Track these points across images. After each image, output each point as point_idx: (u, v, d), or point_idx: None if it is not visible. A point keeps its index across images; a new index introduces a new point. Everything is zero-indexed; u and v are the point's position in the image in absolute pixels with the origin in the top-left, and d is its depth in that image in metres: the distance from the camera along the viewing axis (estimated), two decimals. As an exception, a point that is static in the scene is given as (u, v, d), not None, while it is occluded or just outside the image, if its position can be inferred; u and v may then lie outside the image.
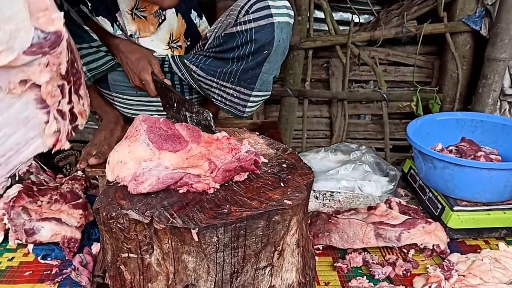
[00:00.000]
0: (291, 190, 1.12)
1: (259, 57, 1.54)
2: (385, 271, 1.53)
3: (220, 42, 1.59)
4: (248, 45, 1.52)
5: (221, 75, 1.61)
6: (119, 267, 1.15)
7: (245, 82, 1.60)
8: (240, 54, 1.55)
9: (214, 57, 1.61)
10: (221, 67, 1.60)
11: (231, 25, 1.55)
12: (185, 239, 1.03)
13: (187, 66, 1.65)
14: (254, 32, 1.50)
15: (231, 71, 1.59)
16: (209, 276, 1.08)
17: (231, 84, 1.62)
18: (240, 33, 1.52)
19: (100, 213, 1.11)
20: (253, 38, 1.50)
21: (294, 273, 1.19)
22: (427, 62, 3.11)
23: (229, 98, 1.66)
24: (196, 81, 1.65)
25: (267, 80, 1.61)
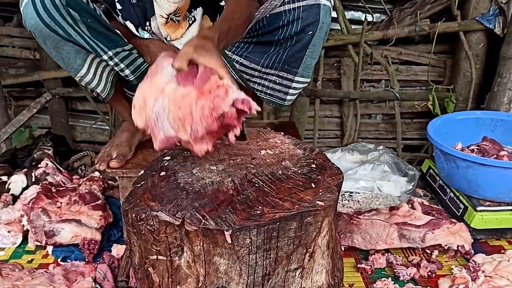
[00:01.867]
0: (323, 191, 1.11)
1: (304, 38, 1.53)
2: (409, 272, 1.51)
3: (264, 24, 1.57)
4: (294, 24, 1.51)
5: (266, 61, 1.60)
6: (147, 269, 1.13)
7: (289, 65, 1.60)
8: (286, 34, 1.54)
9: (257, 42, 1.60)
10: (266, 51, 1.59)
11: (278, 5, 1.54)
12: (218, 241, 1.01)
13: (228, 57, 1.62)
14: (302, 10, 1.49)
15: (276, 55, 1.58)
16: (241, 278, 1.06)
17: (275, 70, 1.62)
18: (287, 11, 1.51)
19: (128, 214, 1.09)
20: (300, 17, 1.49)
21: (324, 275, 1.18)
22: (439, 61, 3.09)
23: (271, 85, 1.65)
24: (237, 72, 1.63)
25: (310, 65, 1.61)
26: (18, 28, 3.10)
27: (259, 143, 1.33)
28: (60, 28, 1.44)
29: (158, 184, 1.15)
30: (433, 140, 1.77)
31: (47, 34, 1.46)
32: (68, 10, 1.43)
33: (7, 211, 1.75)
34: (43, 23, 1.43)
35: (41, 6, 1.41)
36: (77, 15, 1.45)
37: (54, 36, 1.46)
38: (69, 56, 1.55)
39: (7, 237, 1.63)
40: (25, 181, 1.90)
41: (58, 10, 1.41)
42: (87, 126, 3.39)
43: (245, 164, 1.20)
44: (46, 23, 1.43)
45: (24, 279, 1.33)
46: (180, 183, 1.12)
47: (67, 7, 1.42)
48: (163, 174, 1.18)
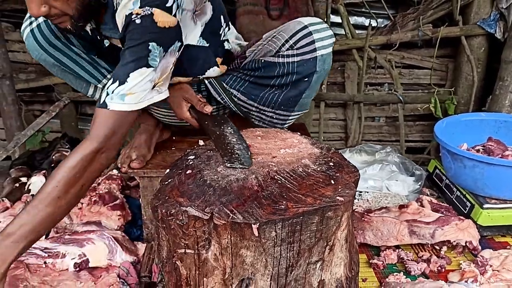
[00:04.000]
0: (342, 187, 1.17)
1: (300, 86, 1.56)
2: (420, 267, 1.56)
3: (259, 67, 1.58)
4: (289, 76, 1.53)
5: (262, 100, 1.62)
6: (175, 262, 1.19)
7: (285, 106, 1.62)
8: (281, 82, 1.56)
9: (253, 82, 1.61)
10: (261, 92, 1.61)
11: (272, 54, 1.55)
12: (245, 234, 1.07)
13: (226, 90, 1.64)
14: (297, 65, 1.51)
15: (272, 96, 1.60)
16: (266, 270, 1.12)
17: (271, 108, 1.64)
18: (281, 64, 1.53)
19: (158, 210, 1.15)
20: (295, 71, 1.52)
21: (342, 267, 1.24)
22: (441, 65, 3.16)
23: (268, 119, 1.68)
24: (236, 104, 1.66)
25: (307, 103, 1.65)
26: (29, 34, 3.16)
27: (277, 142, 1.39)
28: (63, 54, 1.52)
29: (185, 182, 1.20)
30: (441, 140, 1.83)
31: (51, 63, 1.55)
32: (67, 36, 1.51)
33: (28, 211, 1.79)
34: (46, 52, 1.51)
35: (41, 36, 1.49)
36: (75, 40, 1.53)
37: (57, 64, 1.55)
38: (75, 81, 1.67)
39: (30, 236, 1.68)
40: (44, 182, 1.95)
41: (57, 36, 1.50)
42: (96, 130, 3.43)
43: (266, 162, 1.26)
44: (48, 52, 1.51)
45: (51, 275, 1.38)
46: (207, 180, 1.18)
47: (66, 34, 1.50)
48: (189, 172, 1.24)
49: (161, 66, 1.32)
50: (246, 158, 1.26)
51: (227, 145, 1.32)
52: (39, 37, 1.49)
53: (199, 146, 1.43)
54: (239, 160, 1.24)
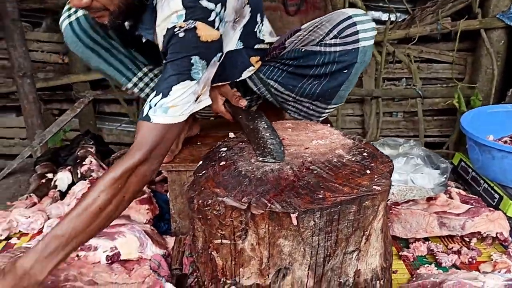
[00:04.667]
0: (378, 177, 1.16)
1: (340, 76, 1.55)
2: (451, 259, 1.55)
3: (298, 56, 1.57)
4: (329, 65, 1.53)
5: (300, 90, 1.61)
6: (211, 253, 1.19)
7: (323, 97, 1.62)
8: (320, 72, 1.55)
9: (291, 72, 1.61)
10: (299, 82, 1.60)
11: (314, 43, 1.54)
12: (283, 224, 1.07)
13: (263, 80, 1.64)
14: (339, 55, 1.50)
15: (310, 87, 1.59)
16: (304, 259, 1.12)
17: (308, 99, 1.63)
18: (323, 53, 1.52)
19: (194, 201, 1.15)
20: (336, 60, 1.51)
21: (377, 257, 1.23)
22: (459, 59, 3.14)
23: (305, 110, 1.68)
24: (273, 95, 1.66)
25: (344, 95, 1.64)
26: (47, 33, 3.19)
27: (308, 134, 1.39)
28: (100, 46, 1.54)
29: (219, 173, 1.20)
30: (468, 132, 1.82)
31: (88, 55, 1.56)
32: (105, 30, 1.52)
33: (56, 206, 1.81)
34: (84, 44, 1.53)
35: (79, 29, 1.50)
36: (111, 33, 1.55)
37: (95, 56, 1.56)
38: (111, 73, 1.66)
39: (60, 230, 1.69)
40: (70, 178, 1.97)
41: (96, 30, 1.51)
42: (113, 128, 3.46)
43: (299, 153, 1.26)
44: (86, 44, 1.52)
45: (86, 266, 1.39)
46: (242, 171, 1.18)
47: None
48: (223, 163, 1.24)
49: (204, 78, 1.32)
50: (279, 153, 1.25)
51: (260, 139, 1.32)
52: (77, 30, 1.50)
53: (230, 138, 1.43)
54: (271, 154, 1.24)
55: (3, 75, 3.16)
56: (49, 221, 1.73)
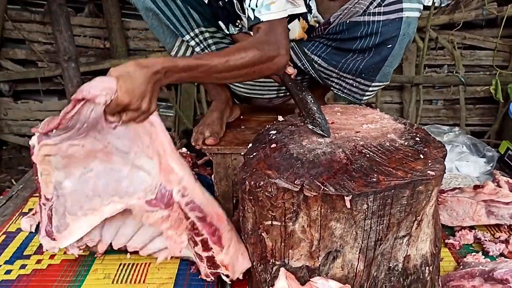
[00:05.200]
0: (431, 162, 1.15)
1: (383, 51, 1.54)
2: (498, 248, 1.53)
3: (343, 29, 1.57)
4: (372, 37, 1.52)
5: (343, 66, 1.61)
6: (260, 234, 1.21)
7: (367, 74, 1.61)
8: (364, 45, 1.54)
9: (335, 47, 1.61)
10: (343, 58, 1.60)
11: (359, 14, 1.54)
12: (336, 206, 1.07)
13: (307, 56, 1.65)
14: (382, 25, 1.49)
15: (354, 63, 1.59)
16: (356, 242, 1.12)
17: (352, 76, 1.63)
18: (366, 23, 1.52)
19: (246, 182, 1.16)
20: (379, 31, 1.50)
21: (428, 243, 1.22)
22: (504, 45, 3.05)
23: (348, 87, 1.67)
24: (316, 71, 1.66)
25: (389, 72, 1.62)
26: (89, 18, 3.24)
27: (358, 118, 1.38)
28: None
29: (271, 155, 1.21)
30: (518, 119, 1.77)
31: (149, 7, 1.58)
32: None
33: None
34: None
35: None
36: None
37: (155, 9, 1.57)
38: (164, 33, 1.69)
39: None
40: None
41: None
42: (151, 112, 3.50)
43: (350, 137, 1.25)
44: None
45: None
46: (293, 154, 1.19)
47: None
48: (273, 146, 1.25)
49: None
50: (326, 128, 1.27)
51: (310, 110, 1.34)
52: None
53: (279, 121, 1.43)
54: (320, 127, 1.25)
55: (47, 59, 3.24)
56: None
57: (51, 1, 2.59)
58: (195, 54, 1.70)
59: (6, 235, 1.66)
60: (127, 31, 3.23)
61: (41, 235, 1.39)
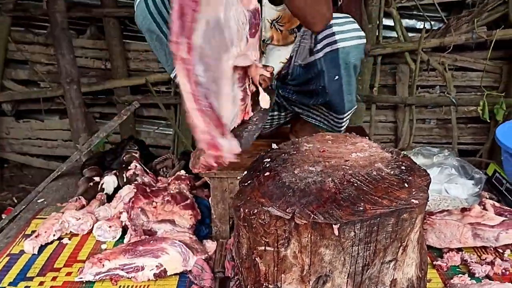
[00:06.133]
0: (415, 190, 1.21)
1: (334, 84, 1.62)
2: (484, 270, 1.59)
3: (300, 73, 1.67)
4: (320, 75, 1.61)
5: (313, 104, 1.72)
6: (254, 259, 1.27)
7: (333, 110, 1.71)
8: (318, 85, 1.64)
9: (298, 91, 1.71)
10: (309, 99, 1.70)
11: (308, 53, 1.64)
12: (325, 234, 1.14)
13: (282, 95, 1.76)
14: (323, 61, 1.59)
15: (320, 102, 1.69)
16: (344, 267, 1.18)
17: (324, 110, 1.74)
18: (313, 63, 1.62)
19: (241, 209, 1.23)
20: (322, 68, 1.60)
21: (413, 267, 1.28)
22: (494, 67, 3.14)
23: (324, 118, 1.78)
24: (291, 106, 1.77)
25: (352, 99, 1.72)
26: (91, 40, 3.33)
27: (348, 146, 1.45)
28: (165, 23, 1.61)
29: (264, 183, 1.28)
30: (503, 144, 1.84)
31: (153, 30, 1.63)
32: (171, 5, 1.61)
33: (104, 209, 1.93)
34: (152, 18, 1.61)
35: (152, 3, 1.59)
36: None
37: (159, 32, 1.63)
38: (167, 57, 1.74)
39: (108, 231, 1.80)
40: (116, 181, 2.08)
41: (166, 7, 1.59)
42: (151, 130, 3.58)
43: (340, 165, 1.32)
44: (154, 18, 1.60)
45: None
46: (286, 182, 1.25)
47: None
48: (267, 174, 1.31)
49: None
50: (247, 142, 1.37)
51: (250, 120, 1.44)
52: (150, 4, 1.59)
53: (273, 149, 1.50)
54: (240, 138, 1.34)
55: (49, 79, 3.32)
56: (98, 222, 1.83)
57: (54, 25, 2.68)
58: None
59: (9, 257, 1.71)
60: (127, 53, 3.31)
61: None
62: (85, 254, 1.74)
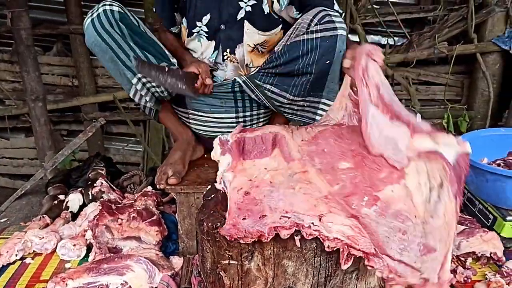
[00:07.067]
0: (375, 201, 1.24)
1: (323, 66, 1.64)
2: (447, 278, 1.62)
3: (284, 51, 1.68)
4: (313, 52, 1.62)
5: (293, 90, 1.72)
6: (219, 273, 1.26)
7: (314, 91, 1.72)
8: (305, 63, 1.65)
9: (281, 73, 1.72)
10: (291, 81, 1.71)
11: (300, 34, 1.67)
12: (287, 246, 1.15)
13: (259, 86, 1.76)
14: (320, 40, 1.61)
15: (301, 84, 1.70)
16: (307, 279, 1.19)
17: (301, 97, 1.74)
18: (306, 41, 1.63)
19: (204, 223, 1.23)
20: (318, 45, 1.61)
21: (376, 277, 1.30)
22: (456, 81, 3.24)
23: (300, 109, 1.79)
24: (269, 100, 1.77)
25: (333, 89, 1.73)
26: (58, 57, 3.30)
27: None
28: (113, 40, 1.64)
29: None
30: (463, 155, 1.89)
31: (104, 48, 1.66)
32: (120, 26, 1.65)
33: (69, 227, 1.89)
34: (101, 38, 1.64)
35: (99, 24, 1.64)
36: (126, 31, 1.67)
37: (110, 51, 1.66)
38: (120, 76, 1.75)
39: (73, 250, 1.77)
40: (81, 199, 2.05)
41: (112, 26, 1.64)
42: (120, 147, 3.55)
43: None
44: (103, 38, 1.64)
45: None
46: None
47: (120, 23, 1.65)
48: (230, 188, 1.32)
49: None
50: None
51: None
52: (97, 25, 1.64)
53: (237, 163, 1.51)
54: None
55: (14, 97, 3.26)
56: (62, 241, 1.80)
57: (18, 42, 2.64)
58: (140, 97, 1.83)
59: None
60: (95, 69, 3.29)
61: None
62: (48, 273, 1.70)
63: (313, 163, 1.30)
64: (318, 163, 1.30)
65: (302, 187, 1.22)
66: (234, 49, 1.81)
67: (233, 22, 1.77)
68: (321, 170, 1.27)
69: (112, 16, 1.65)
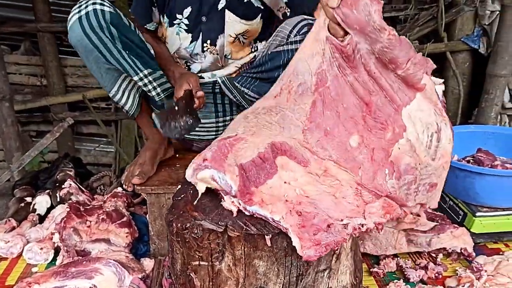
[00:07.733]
0: (346, 198, 1.24)
1: None
2: (418, 274, 1.63)
3: (266, 60, 1.71)
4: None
5: None
6: (189, 274, 1.24)
7: None
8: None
9: (261, 78, 1.73)
10: (268, 88, 1.69)
11: (281, 45, 1.68)
12: (258, 245, 1.13)
13: (238, 89, 1.76)
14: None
15: None
16: (278, 278, 1.18)
17: None
18: (287, 52, 1.64)
19: (173, 224, 1.21)
20: None
21: (347, 275, 1.30)
22: (427, 80, 3.28)
23: None
24: (248, 102, 1.76)
25: None
26: (25, 56, 3.21)
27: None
28: (102, 43, 1.57)
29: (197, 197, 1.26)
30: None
31: (90, 49, 1.58)
32: (110, 28, 1.56)
33: (36, 230, 1.84)
34: (88, 38, 1.55)
35: (87, 24, 1.55)
36: (117, 34, 1.58)
37: (95, 52, 1.58)
38: (106, 73, 1.69)
39: (40, 254, 1.72)
40: (49, 201, 1.99)
41: (102, 28, 1.55)
42: (91, 148, 3.48)
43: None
44: (90, 38, 1.56)
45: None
46: (218, 195, 1.24)
47: (110, 26, 1.56)
48: (200, 187, 1.30)
49: None
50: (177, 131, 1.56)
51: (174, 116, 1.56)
52: (85, 24, 1.55)
53: (207, 162, 1.49)
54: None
55: (-20, 97, 3.16)
56: (29, 245, 1.75)
57: (-17, 40, 2.57)
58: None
59: None
60: (64, 68, 3.22)
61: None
62: (14, 278, 1.66)
63: (326, 153, 1.30)
64: (332, 151, 1.30)
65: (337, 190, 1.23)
66: (215, 40, 1.78)
67: (214, 12, 1.74)
68: (339, 161, 1.29)
69: (103, 17, 1.55)
